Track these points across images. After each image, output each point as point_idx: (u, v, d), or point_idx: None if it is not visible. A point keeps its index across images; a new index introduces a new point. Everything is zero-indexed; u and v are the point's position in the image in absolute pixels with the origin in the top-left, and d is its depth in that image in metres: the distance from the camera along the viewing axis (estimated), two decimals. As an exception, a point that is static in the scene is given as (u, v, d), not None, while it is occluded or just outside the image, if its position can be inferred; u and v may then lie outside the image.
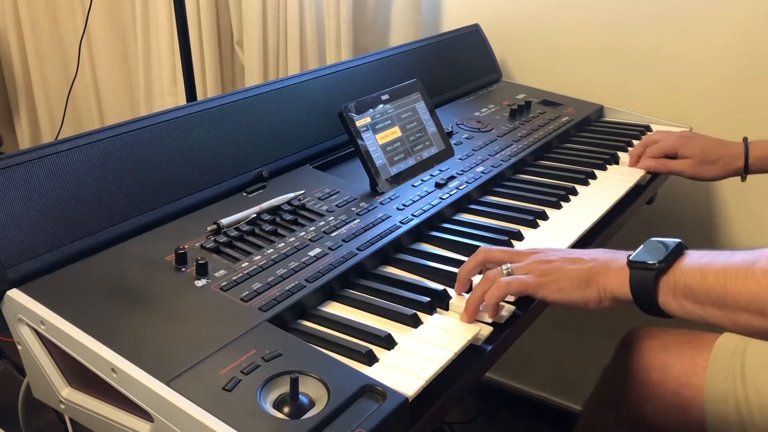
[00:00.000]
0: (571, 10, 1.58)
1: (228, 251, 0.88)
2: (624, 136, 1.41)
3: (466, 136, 1.31)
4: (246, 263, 0.85)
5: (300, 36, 1.75)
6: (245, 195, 1.02)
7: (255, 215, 0.95)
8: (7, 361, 1.52)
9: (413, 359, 0.74)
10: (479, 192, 1.14)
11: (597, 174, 1.24)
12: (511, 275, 0.83)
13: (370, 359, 0.73)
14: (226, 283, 0.81)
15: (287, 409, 0.64)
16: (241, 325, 0.74)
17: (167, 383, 0.66)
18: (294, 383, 0.65)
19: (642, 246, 0.79)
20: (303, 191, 1.03)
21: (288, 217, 0.96)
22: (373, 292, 0.86)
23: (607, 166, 1.28)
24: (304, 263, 0.86)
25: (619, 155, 1.32)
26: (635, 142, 1.37)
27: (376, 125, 1.09)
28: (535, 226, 1.05)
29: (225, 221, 0.92)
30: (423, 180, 1.12)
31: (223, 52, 1.97)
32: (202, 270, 0.82)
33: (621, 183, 1.21)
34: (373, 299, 0.84)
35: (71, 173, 0.87)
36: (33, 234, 0.81)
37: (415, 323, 0.80)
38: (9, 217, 0.80)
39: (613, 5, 1.54)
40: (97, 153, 0.90)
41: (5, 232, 0.79)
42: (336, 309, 0.84)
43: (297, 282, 0.82)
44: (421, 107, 1.19)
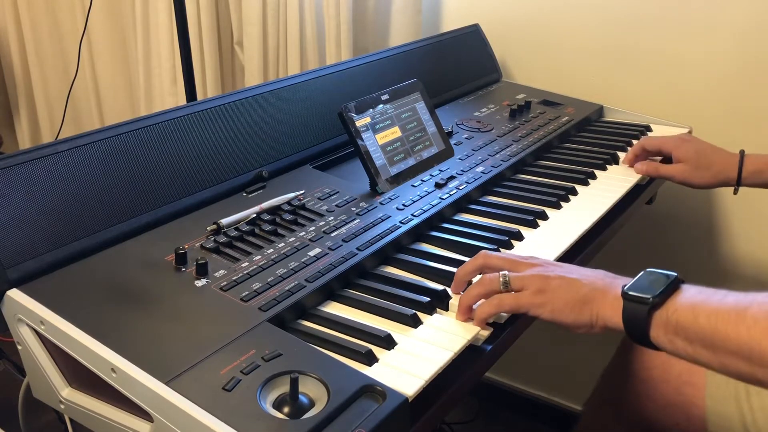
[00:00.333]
0: (571, 10, 1.58)
1: (228, 251, 0.88)
2: (624, 136, 1.41)
3: (466, 136, 1.31)
4: (246, 263, 0.85)
5: (300, 36, 1.75)
6: (245, 195, 1.02)
7: (255, 215, 0.95)
8: (7, 361, 1.52)
9: (413, 359, 0.74)
10: (479, 192, 1.14)
11: (597, 174, 1.24)
12: (507, 283, 0.82)
13: (370, 359, 0.73)
14: (226, 283, 0.81)
15: (287, 409, 0.64)
16: (241, 325, 0.74)
17: (167, 383, 0.66)
18: (294, 383, 0.65)
19: (638, 276, 0.78)
20: (303, 191, 1.03)
21: (288, 217, 0.96)
22: (373, 292, 0.86)
23: (607, 166, 1.28)
24: (304, 263, 0.86)
25: (619, 155, 1.32)
26: (635, 142, 1.36)
27: (376, 125, 1.09)
28: (535, 226, 1.05)
29: (225, 221, 0.92)
30: (423, 180, 1.12)
31: (223, 52, 1.97)
32: (202, 270, 0.82)
33: (621, 183, 1.21)
34: (373, 299, 0.84)
35: (71, 173, 0.87)
36: (33, 234, 0.81)
37: (415, 323, 0.80)
38: (9, 217, 0.80)
39: (613, 5, 1.54)
40: (97, 153, 0.90)
41: (5, 232, 0.79)
42: (336, 309, 0.84)
43: (297, 282, 0.82)
44: (421, 107, 1.19)
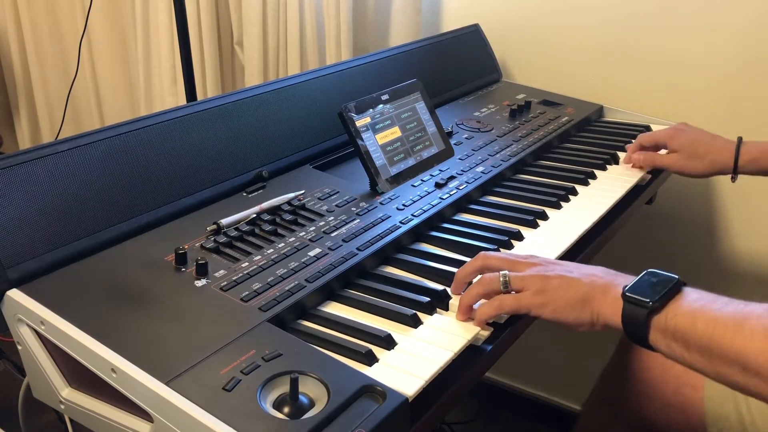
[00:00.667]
0: (571, 10, 1.58)
1: (228, 251, 0.88)
2: (624, 136, 1.41)
3: (466, 136, 1.31)
4: (246, 263, 0.85)
5: (300, 36, 1.75)
6: (245, 195, 1.02)
7: (255, 215, 0.95)
8: (7, 361, 1.52)
9: (413, 359, 0.74)
10: (479, 192, 1.14)
11: (597, 174, 1.24)
12: (507, 283, 0.82)
13: (370, 359, 0.73)
14: (226, 283, 0.81)
15: (287, 409, 0.64)
16: (241, 325, 0.74)
17: (167, 383, 0.66)
18: (294, 383, 0.65)
19: (640, 277, 0.78)
20: (303, 191, 1.03)
21: (288, 217, 0.96)
22: (373, 292, 0.86)
23: (607, 166, 1.28)
24: (304, 263, 0.86)
25: (619, 155, 1.32)
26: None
27: (376, 125, 1.09)
28: (535, 226, 1.05)
29: (225, 221, 0.92)
30: (423, 180, 1.12)
31: (223, 52, 1.97)
32: (202, 270, 0.82)
33: (621, 183, 1.21)
34: (373, 299, 0.84)
35: (71, 173, 0.87)
36: (33, 234, 0.81)
37: (415, 323, 0.80)
38: (9, 217, 0.80)
39: (613, 5, 1.54)
40: (97, 153, 0.90)
41: (5, 232, 0.79)
42: (336, 309, 0.84)
43: (297, 282, 0.82)
44: (421, 107, 1.19)
